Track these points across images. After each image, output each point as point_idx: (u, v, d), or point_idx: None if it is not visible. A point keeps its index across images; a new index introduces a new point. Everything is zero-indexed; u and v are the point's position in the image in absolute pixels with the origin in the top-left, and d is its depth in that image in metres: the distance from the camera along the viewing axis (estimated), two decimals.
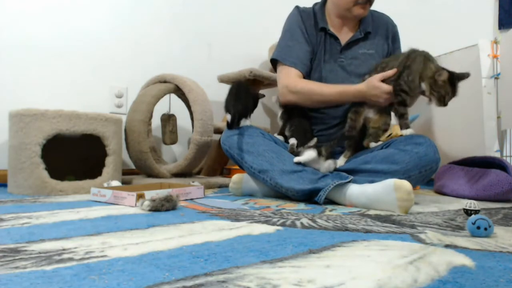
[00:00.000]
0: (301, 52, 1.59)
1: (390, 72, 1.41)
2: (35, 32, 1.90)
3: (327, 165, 1.38)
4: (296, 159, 1.40)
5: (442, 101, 1.33)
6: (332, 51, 1.61)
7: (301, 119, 1.60)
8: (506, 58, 1.88)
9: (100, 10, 2.08)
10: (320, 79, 1.59)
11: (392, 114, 1.49)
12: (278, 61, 1.63)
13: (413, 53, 1.41)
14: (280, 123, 1.67)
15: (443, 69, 1.33)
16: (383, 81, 1.42)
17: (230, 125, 1.53)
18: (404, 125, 1.42)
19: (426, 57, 1.38)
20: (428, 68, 1.35)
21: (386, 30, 1.65)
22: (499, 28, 2.68)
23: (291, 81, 1.57)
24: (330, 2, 1.62)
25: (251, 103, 1.58)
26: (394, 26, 1.68)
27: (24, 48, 1.88)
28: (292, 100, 1.58)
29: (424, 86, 1.35)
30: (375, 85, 1.41)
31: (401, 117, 1.43)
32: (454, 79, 1.32)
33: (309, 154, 1.38)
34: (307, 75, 1.61)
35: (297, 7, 1.68)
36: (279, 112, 1.67)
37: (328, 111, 1.61)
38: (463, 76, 1.33)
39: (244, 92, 1.56)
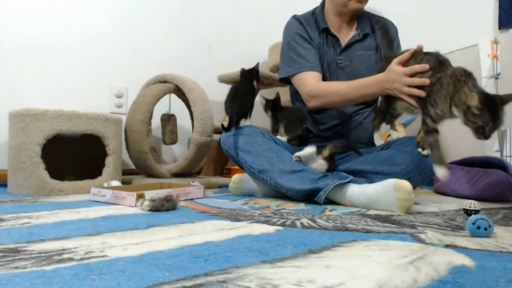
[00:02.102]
0: (310, 55, 1.57)
1: (406, 54, 1.26)
2: (35, 32, 1.90)
3: (318, 164, 1.39)
4: (296, 154, 1.40)
5: (482, 134, 1.03)
6: (332, 52, 1.61)
7: (288, 111, 1.67)
8: (506, 58, 1.88)
9: (100, 10, 2.08)
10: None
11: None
12: (290, 75, 1.60)
13: (443, 65, 1.16)
14: (270, 122, 1.73)
15: (476, 91, 1.03)
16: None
17: (227, 128, 1.51)
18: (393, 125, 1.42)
19: (457, 76, 1.10)
20: (461, 91, 1.07)
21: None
22: (499, 28, 2.68)
23: (309, 85, 1.53)
24: (328, 1, 1.62)
25: (250, 103, 1.57)
26: (392, 28, 1.66)
27: (24, 48, 1.88)
28: (316, 105, 1.54)
29: (456, 112, 1.09)
30: (391, 67, 1.29)
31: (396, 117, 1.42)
32: (494, 103, 1.01)
33: (308, 149, 1.40)
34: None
35: (293, 16, 1.66)
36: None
37: (328, 111, 1.60)
38: (508, 98, 1.03)
39: (242, 92, 1.56)
